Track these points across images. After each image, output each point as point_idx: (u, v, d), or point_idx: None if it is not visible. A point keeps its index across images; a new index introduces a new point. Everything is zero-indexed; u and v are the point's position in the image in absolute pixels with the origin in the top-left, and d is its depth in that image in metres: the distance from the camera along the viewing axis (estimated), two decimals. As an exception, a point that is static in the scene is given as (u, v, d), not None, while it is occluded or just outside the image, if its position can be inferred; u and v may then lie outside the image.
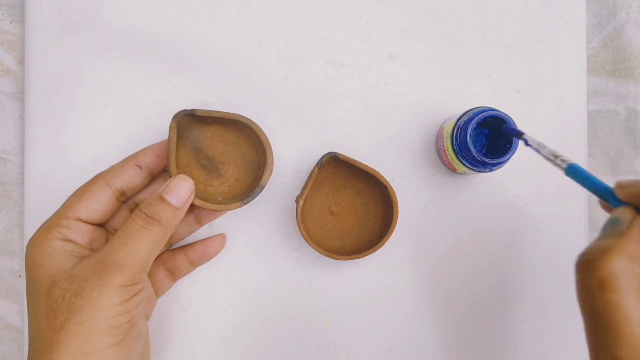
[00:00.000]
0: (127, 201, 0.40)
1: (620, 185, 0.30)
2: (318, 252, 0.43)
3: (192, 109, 0.40)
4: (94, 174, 0.39)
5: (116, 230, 0.39)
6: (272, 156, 0.41)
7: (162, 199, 0.36)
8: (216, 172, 0.42)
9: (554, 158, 0.32)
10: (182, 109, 0.40)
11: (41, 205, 0.45)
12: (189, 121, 0.40)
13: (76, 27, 0.45)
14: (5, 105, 0.46)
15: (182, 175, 0.38)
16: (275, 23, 0.46)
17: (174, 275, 0.43)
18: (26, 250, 0.35)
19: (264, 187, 0.41)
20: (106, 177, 0.38)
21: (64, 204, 0.37)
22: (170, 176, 0.38)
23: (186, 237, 0.44)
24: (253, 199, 0.41)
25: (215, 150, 0.42)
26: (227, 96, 0.45)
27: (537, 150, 0.34)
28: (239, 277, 0.45)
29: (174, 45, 0.45)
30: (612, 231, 0.28)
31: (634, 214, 0.28)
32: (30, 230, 0.44)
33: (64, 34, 0.45)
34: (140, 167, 0.39)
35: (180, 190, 0.37)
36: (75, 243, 0.36)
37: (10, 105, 0.46)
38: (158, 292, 0.43)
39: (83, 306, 0.32)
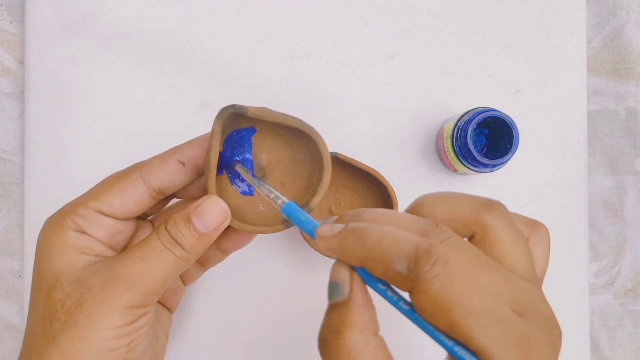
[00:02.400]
0: (166, 200, 0.35)
1: (318, 234, 0.26)
2: (318, 252, 0.43)
3: (242, 107, 0.31)
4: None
5: (147, 215, 0.36)
6: (330, 175, 0.34)
7: (188, 220, 0.31)
8: (260, 171, 0.36)
9: (269, 195, 0.31)
10: (229, 104, 0.32)
11: (41, 205, 0.45)
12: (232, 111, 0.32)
13: (76, 27, 0.45)
14: (5, 105, 0.46)
15: (216, 198, 0.32)
16: (275, 23, 0.46)
17: (205, 265, 0.39)
18: (39, 234, 0.32)
19: (312, 209, 0.35)
20: (143, 170, 0.33)
21: (90, 190, 0.33)
22: (208, 192, 0.33)
23: None
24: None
25: (261, 145, 0.35)
26: (227, 96, 0.45)
27: (252, 184, 0.33)
28: (239, 277, 0.45)
29: (174, 45, 0.45)
30: (336, 302, 0.25)
31: (351, 273, 0.25)
32: (30, 231, 0.44)
33: (64, 34, 0.45)
34: (183, 163, 0.33)
35: (211, 214, 0.32)
36: (91, 236, 0.32)
37: (10, 105, 0.46)
38: (187, 281, 0.39)
39: (80, 321, 0.29)
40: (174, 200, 0.38)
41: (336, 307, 0.25)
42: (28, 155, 0.45)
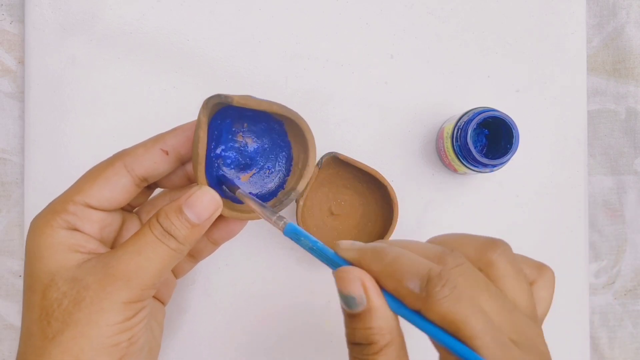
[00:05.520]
0: (151, 187, 0.36)
1: (340, 246, 0.28)
2: (318, 252, 0.42)
3: (227, 97, 0.31)
4: None
5: (132, 207, 0.36)
6: (315, 159, 0.35)
7: (180, 211, 0.31)
8: (245, 159, 0.36)
9: (272, 217, 0.31)
10: (213, 94, 0.31)
11: (41, 205, 0.44)
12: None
13: (76, 27, 0.45)
14: (5, 105, 0.46)
15: (206, 188, 0.32)
16: (275, 23, 0.46)
17: (196, 257, 0.38)
18: (28, 233, 0.32)
19: (299, 192, 0.35)
20: (126, 160, 0.33)
21: (74, 185, 0.33)
22: (198, 184, 0.32)
23: None
24: (286, 206, 0.35)
25: (244, 132, 0.36)
26: (227, 96, 0.45)
27: (256, 206, 0.32)
28: (238, 277, 0.45)
29: (174, 45, 0.45)
30: (356, 312, 0.26)
31: (364, 285, 0.26)
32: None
33: (64, 34, 0.45)
34: (167, 152, 0.33)
35: (202, 204, 0.31)
36: (83, 232, 0.32)
37: (10, 105, 0.46)
38: (178, 274, 0.39)
39: (80, 320, 0.29)
40: (157, 191, 0.37)
41: (359, 316, 0.26)
42: (28, 155, 0.45)
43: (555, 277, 0.29)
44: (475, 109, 0.41)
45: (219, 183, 0.35)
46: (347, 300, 0.26)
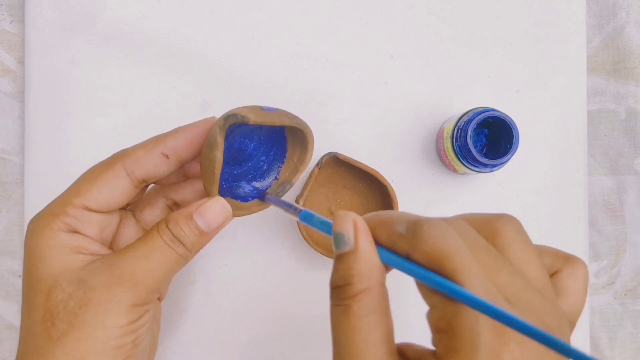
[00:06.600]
0: (148, 186, 0.36)
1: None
2: (318, 252, 0.43)
3: (243, 117, 0.31)
4: None
5: (127, 204, 0.36)
6: (311, 156, 0.36)
7: (190, 218, 0.32)
8: (244, 156, 0.37)
9: (290, 209, 0.32)
10: (228, 115, 0.31)
11: (41, 205, 0.44)
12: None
13: (76, 27, 0.45)
14: (5, 105, 0.46)
15: (218, 197, 0.33)
16: (275, 23, 0.46)
17: None
18: (26, 235, 0.32)
19: (293, 185, 0.37)
20: (126, 162, 0.33)
21: (72, 186, 0.33)
22: (208, 195, 0.33)
23: None
24: (280, 197, 0.36)
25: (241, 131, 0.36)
26: (227, 96, 0.45)
27: (277, 204, 0.34)
28: (238, 278, 0.45)
29: (174, 45, 0.45)
30: (343, 252, 0.26)
31: (355, 224, 0.26)
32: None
33: (64, 34, 0.45)
34: (167, 156, 0.33)
35: (213, 213, 0.32)
36: (84, 235, 0.32)
37: (10, 105, 0.46)
38: None
39: (85, 321, 0.29)
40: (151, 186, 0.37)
41: (344, 257, 0.26)
42: (28, 155, 0.45)
43: (588, 273, 0.27)
44: (475, 109, 0.41)
45: (226, 191, 0.35)
46: (336, 237, 0.26)
